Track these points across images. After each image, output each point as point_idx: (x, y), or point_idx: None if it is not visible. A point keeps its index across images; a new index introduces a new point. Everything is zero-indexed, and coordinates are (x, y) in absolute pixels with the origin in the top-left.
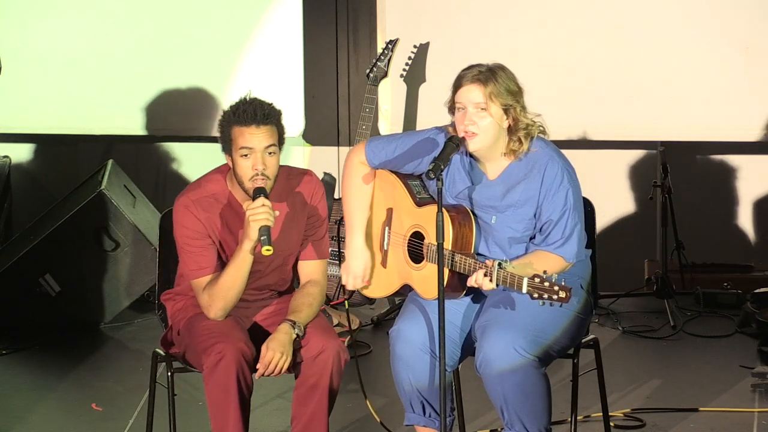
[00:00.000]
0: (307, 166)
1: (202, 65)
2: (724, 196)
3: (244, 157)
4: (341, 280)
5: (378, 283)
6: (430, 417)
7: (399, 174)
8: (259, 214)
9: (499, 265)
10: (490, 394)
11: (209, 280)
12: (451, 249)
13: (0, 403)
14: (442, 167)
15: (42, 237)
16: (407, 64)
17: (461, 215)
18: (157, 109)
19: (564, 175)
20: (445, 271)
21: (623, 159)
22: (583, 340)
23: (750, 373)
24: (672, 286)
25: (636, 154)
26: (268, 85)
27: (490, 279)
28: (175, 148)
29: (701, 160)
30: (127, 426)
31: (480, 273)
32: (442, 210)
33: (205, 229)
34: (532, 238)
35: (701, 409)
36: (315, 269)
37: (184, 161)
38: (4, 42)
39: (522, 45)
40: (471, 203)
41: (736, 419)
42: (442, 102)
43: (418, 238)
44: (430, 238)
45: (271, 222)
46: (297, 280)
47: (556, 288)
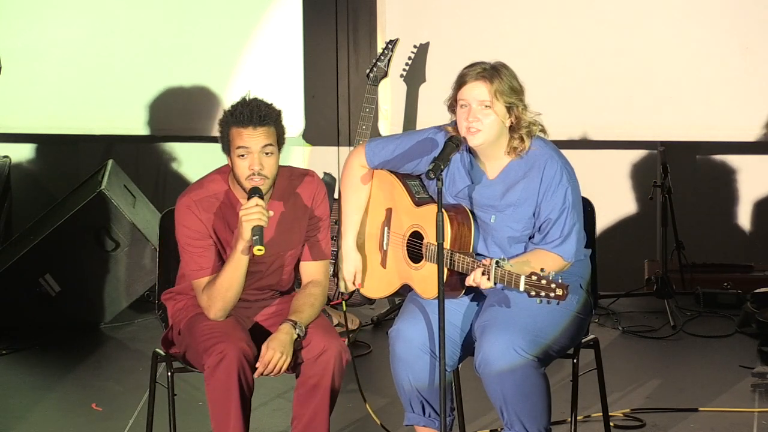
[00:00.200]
0: (306, 166)
1: (202, 65)
2: (724, 196)
3: (241, 157)
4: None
5: (377, 283)
6: (429, 417)
7: (398, 174)
8: (252, 214)
9: (497, 263)
10: (489, 394)
11: (209, 281)
12: (450, 248)
13: (0, 403)
14: (442, 167)
15: (42, 237)
16: (407, 64)
17: (460, 215)
18: (157, 109)
19: (563, 173)
20: (444, 271)
21: (623, 159)
22: (583, 340)
23: (750, 373)
24: (672, 286)
25: (636, 154)
26: (268, 85)
27: (488, 277)
28: (175, 148)
29: (701, 160)
30: (127, 426)
31: (478, 272)
32: (442, 210)
33: (207, 230)
34: (531, 238)
35: (701, 409)
36: (316, 270)
37: (184, 161)
38: (4, 42)
39: (522, 45)
40: (470, 202)
41: (736, 419)
42: (442, 102)
43: (417, 238)
44: (429, 238)
45: (264, 222)
46: (298, 281)
47: (553, 286)
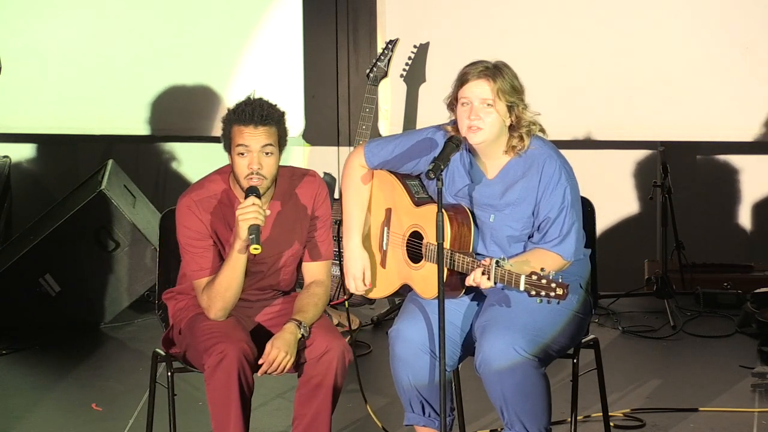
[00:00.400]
0: (307, 166)
1: (202, 65)
2: (724, 196)
3: (240, 155)
4: (342, 281)
5: (377, 283)
6: (429, 417)
7: (397, 174)
8: (249, 213)
9: (497, 263)
10: (489, 394)
11: (209, 281)
12: (450, 248)
13: (0, 403)
14: (442, 167)
15: (42, 237)
16: (407, 64)
17: (460, 215)
18: (157, 109)
19: (561, 172)
20: (444, 271)
21: (623, 159)
22: (583, 340)
23: (750, 373)
24: (672, 286)
25: (636, 154)
26: (268, 85)
27: (488, 277)
28: (175, 148)
29: (701, 160)
30: (127, 426)
31: (478, 271)
32: (442, 210)
33: (207, 230)
34: (530, 237)
35: (701, 409)
36: (319, 270)
37: (184, 161)
38: (4, 42)
39: (522, 45)
40: (470, 202)
41: (736, 419)
42: (442, 102)
43: (416, 238)
44: (429, 238)
45: (260, 221)
46: (299, 281)
47: (553, 285)
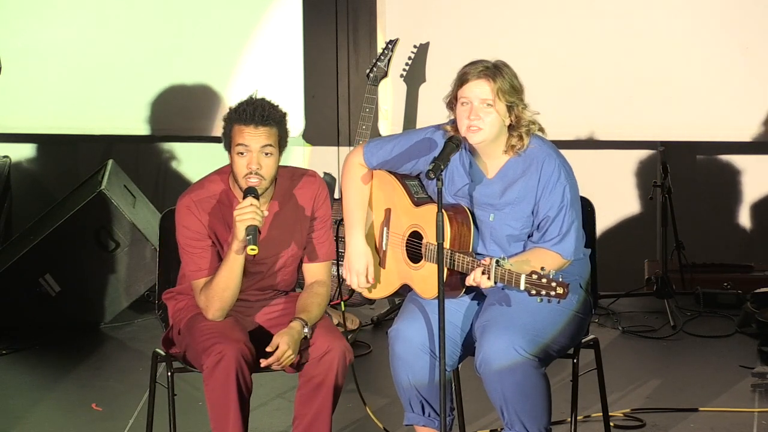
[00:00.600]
0: (307, 166)
1: (202, 65)
2: (724, 196)
3: (240, 155)
4: (343, 281)
5: (377, 283)
6: (429, 417)
7: (397, 174)
8: (246, 213)
9: (497, 262)
10: (489, 394)
11: (207, 282)
12: (449, 248)
13: (0, 403)
14: (442, 167)
15: (42, 237)
16: (407, 64)
17: (460, 215)
18: (157, 109)
19: (561, 171)
20: (444, 271)
21: (623, 159)
22: (583, 340)
23: (750, 373)
24: (672, 286)
25: (636, 154)
26: (268, 85)
27: (489, 277)
28: (175, 148)
29: (701, 160)
30: (127, 426)
31: (478, 271)
32: (442, 210)
33: (206, 230)
34: (530, 236)
35: (701, 409)
36: (320, 270)
37: (184, 161)
38: (4, 42)
39: (522, 45)
40: (470, 201)
41: (736, 419)
42: (442, 102)
43: (416, 238)
44: (429, 238)
45: (258, 222)
46: (300, 282)
47: (553, 284)
